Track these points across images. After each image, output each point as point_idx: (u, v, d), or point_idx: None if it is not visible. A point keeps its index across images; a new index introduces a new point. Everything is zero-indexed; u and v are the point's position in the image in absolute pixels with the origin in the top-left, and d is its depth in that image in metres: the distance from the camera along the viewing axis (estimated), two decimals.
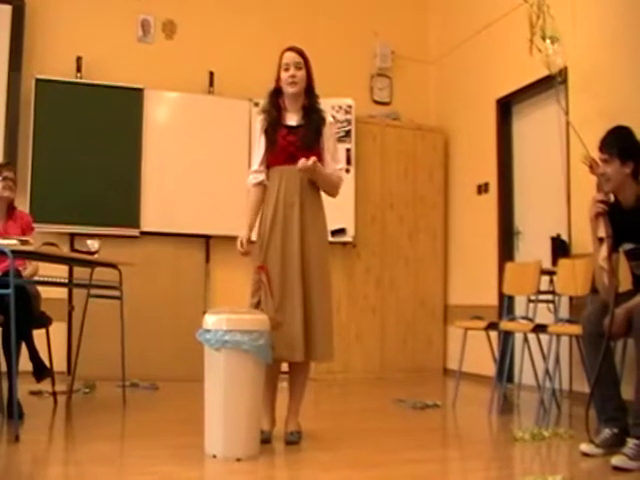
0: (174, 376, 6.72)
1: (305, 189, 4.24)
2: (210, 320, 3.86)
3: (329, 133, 4.36)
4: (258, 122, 4.40)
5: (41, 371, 5.05)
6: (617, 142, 4.15)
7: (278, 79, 4.32)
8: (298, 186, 4.23)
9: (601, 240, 4.11)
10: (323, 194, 4.39)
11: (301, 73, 4.27)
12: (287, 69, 4.25)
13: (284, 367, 4.32)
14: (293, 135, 4.26)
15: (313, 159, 4.12)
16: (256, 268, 4.23)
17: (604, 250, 4.07)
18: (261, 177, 4.34)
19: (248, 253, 4.25)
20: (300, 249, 4.17)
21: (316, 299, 4.18)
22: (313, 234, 4.23)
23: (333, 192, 4.41)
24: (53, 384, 5.32)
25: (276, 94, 4.36)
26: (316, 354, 4.19)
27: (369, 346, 7.93)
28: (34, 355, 5.01)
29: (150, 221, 7.34)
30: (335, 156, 4.37)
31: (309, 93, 4.35)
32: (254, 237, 4.35)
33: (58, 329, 6.02)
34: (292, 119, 4.33)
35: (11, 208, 5.35)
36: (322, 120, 4.33)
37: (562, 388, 5.67)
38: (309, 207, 4.25)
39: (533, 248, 6.76)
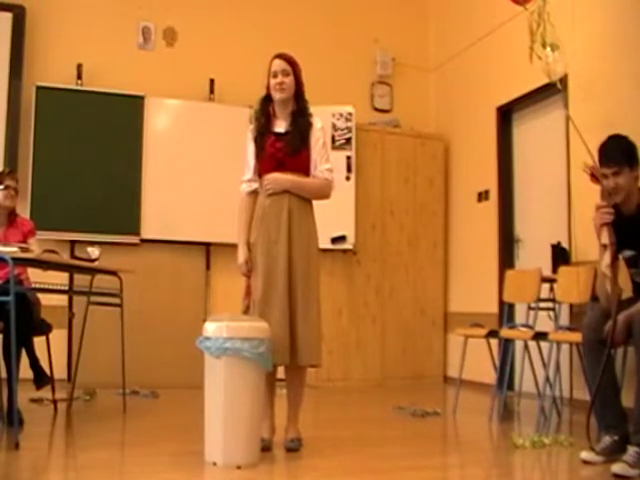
0: (174, 383, 6.71)
1: (293, 195, 4.28)
2: (210, 328, 3.87)
3: (316, 137, 4.37)
4: (249, 131, 4.46)
5: (41, 379, 5.04)
6: (622, 151, 4.16)
7: (268, 86, 4.37)
8: (286, 192, 4.26)
9: (604, 247, 4.11)
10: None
11: (289, 79, 4.31)
12: (275, 76, 4.31)
13: (280, 374, 4.32)
14: (280, 142, 4.30)
15: (269, 179, 4.26)
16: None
17: (607, 257, 4.07)
18: (254, 185, 4.39)
19: (250, 275, 4.30)
20: (287, 252, 4.20)
21: (300, 303, 4.20)
22: (300, 237, 4.25)
23: (322, 196, 4.42)
24: (53, 391, 5.31)
25: (266, 101, 4.42)
26: (300, 358, 4.18)
27: (369, 353, 7.92)
28: (34, 363, 5.01)
29: (150, 228, 7.35)
30: (323, 158, 4.37)
31: (298, 99, 4.39)
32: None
33: (58, 336, 6.01)
34: (281, 125, 4.38)
35: (12, 215, 5.37)
36: (309, 124, 4.36)
37: (562, 395, 5.66)
38: (297, 211, 4.28)
39: (533, 256, 6.76)
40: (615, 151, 4.17)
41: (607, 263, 4.09)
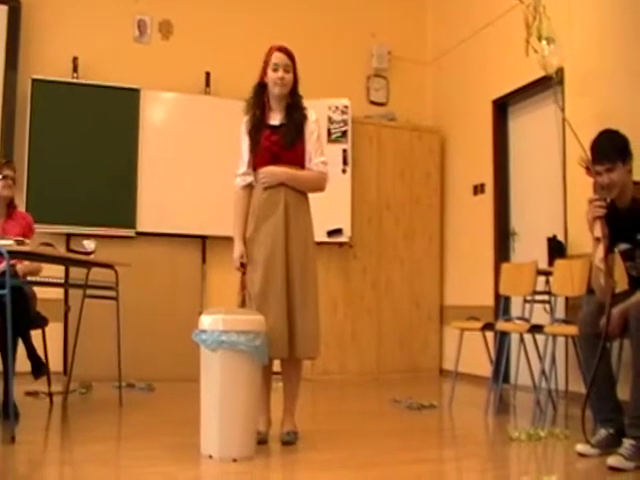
0: (170, 377, 6.72)
1: (289, 188, 4.27)
2: (206, 321, 3.86)
3: (311, 129, 4.36)
4: (243, 124, 4.43)
5: (39, 369, 5.06)
6: (614, 147, 4.14)
7: (264, 74, 4.34)
8: (282, 185, 4.26)
9: (598, 240, 4.12)
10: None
11: (289, 76, 4.30)
12: (276, 70, 4.27)
13: (277, 367, 4.32)
14: (275, 135, 4.29)
15: (264, 172, 4.25)
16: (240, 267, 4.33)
17: (600, 250, 4.08)
18: (249, 179, 4.38)
19: (245, 269, 4.30)
20: (284, 245, 4.20)
21: (298, 295, 4.20)
22: (297, 230, 4.25)
23: (316, 189, 4.41)
24: (49, 384, 5.32)
25: (261, 89, 4.38)
26: (299, 350, 4.19)
27: (365, 347, 7.93)
28: (32, 353, 5.02)
29: (146, 221, 7.35)
30: (318, 151, 4.37)
31: (293, 93, 4.38)
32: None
33: (54, 330, 6.02)
34: (275, 119, 4.36)
35: (11, 207, 5.34)
36: (304, 117, 4.35)
37: (558, 388, 5.68)
38: (293, 204, 4.27)
39: (529, 249, 6.76)
40: (607, 147, 4.15)
41: (600, 256, 4.10)
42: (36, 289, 5.21)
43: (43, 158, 7.05)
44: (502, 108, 7.37)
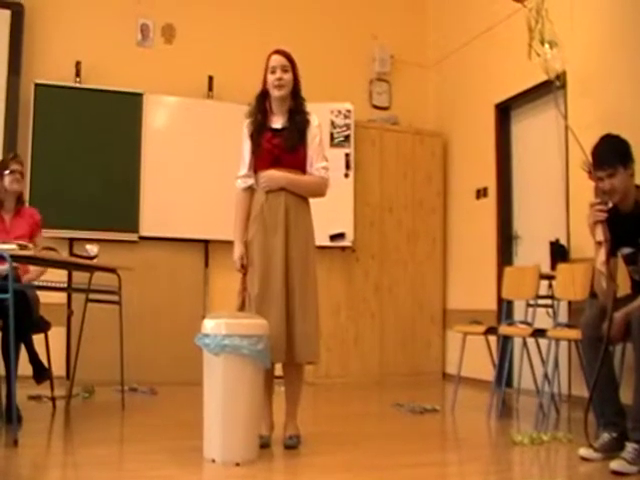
0: (173, 380, 6.72)
1: (289, 192, 4.29)
2: (209, 325, 3.87)
3: (313, 134, 4.37)
4: (245, 126, 4.44)
5: (41, 373, 5.05)
6: (615, 152, 4.14)
7: (265, 82, 4.37)
8: (283, 189, 4.27)
9: (599, 244, 4.11)
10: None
11: (288, 76, 4.31)
12: (274, 72, 4.30)
13: (279, 371, 4.32)
14: (277, 138, 4.30)
15: (265, 177, 4.27)
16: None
17: (602, 254, 4.08)
18: (250, 181, 4.39)
19: (245, 271, 4.31)
20: (284, 249, 4.21)
21: (298, 300, 4.20)
22: (297, 234, 4.26)
23: (317, 194, 4.43)
24: (52, 389, 5.32)
25: (263, 97, 4.40)
26: (298, 355, 4.19)
27: (368, 350, 7.92)
28: (34, 357, 5.01)
29: (149, 226, 7.35)
30: (319, 156, 4.38)
31: (295, 96, 4.39)
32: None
33: (57, 334, 6.01)
34: (277, 122, 4.37)
35: (20, 203, 5.32)
36: (306, 122, 4.36)
37: (561, 392, 5.67)
38: (293, 208, 4.29)
39: (532, 253, 6.75)
40: (608, 153, 4.15)
41: (602, 260, 4.10)
42: (39, 293, 5.21)
43: (46, 163, 7.06)
44: (505, 112, 7.37)
